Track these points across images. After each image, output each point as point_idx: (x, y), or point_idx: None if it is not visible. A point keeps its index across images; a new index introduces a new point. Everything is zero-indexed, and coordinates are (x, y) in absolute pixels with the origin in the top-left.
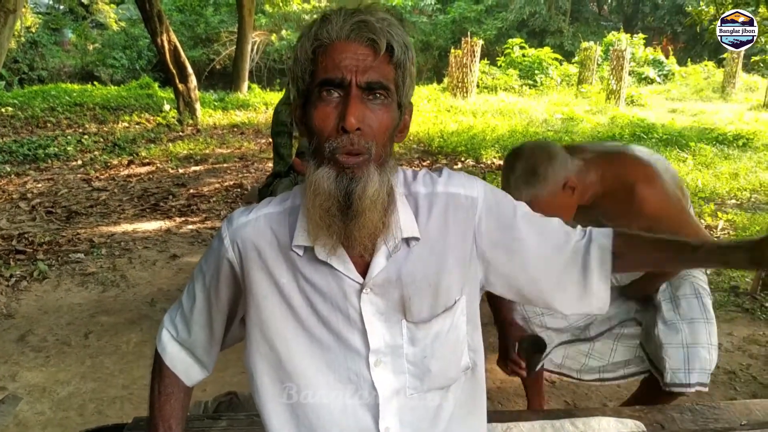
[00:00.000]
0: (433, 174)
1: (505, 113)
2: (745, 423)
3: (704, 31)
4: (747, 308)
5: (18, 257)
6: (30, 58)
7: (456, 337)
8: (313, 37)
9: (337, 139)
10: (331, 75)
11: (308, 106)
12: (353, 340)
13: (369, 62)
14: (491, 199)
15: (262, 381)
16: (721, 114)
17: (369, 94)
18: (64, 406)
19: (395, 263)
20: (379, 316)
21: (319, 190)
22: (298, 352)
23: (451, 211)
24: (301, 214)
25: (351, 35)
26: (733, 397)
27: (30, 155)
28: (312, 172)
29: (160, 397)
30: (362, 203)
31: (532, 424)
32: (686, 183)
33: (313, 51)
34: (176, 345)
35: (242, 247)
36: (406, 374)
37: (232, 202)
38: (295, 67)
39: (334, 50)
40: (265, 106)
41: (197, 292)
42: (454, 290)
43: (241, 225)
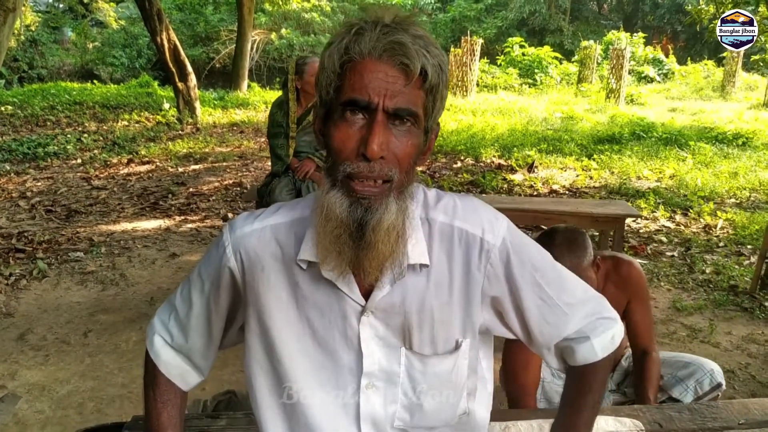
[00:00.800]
0: (458, 202)
1: (504, 112)
2: (743, 422)
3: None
4: (746, 307)
5: (17, 256)
6: (30, 57)
7: (456, 380)
8: (343, 50)
9: (354, 164)
10: (358, 96)
11: (329, 120)
12: (347, 360)
13: (399, 86)
14: (509, 250)
15: (260, 390)
16: (721, 113)
17: (395, 119)
18: (63, 404)
19: (400, 289)
20: (378, 340)
21: (330, 215)
22: (293, 367)
23: (464, 250)
24: (310, 228)
25: (383, 55)
26: (732, 396)
27: (29, 154)
28: (325, 191)
29: (156, 405)
30: (376, 235)
31: (530, 423)
32: (686, 182)
33: (341, 65)
34: (171, 351)
35: (245, 258)
36: (398, 404)
37: (231, 200)
38: (321, 75)
39: (364, 68)
40: (265, 105)
41: (194, 298)
42: (457, 330)
43: (246, 234)
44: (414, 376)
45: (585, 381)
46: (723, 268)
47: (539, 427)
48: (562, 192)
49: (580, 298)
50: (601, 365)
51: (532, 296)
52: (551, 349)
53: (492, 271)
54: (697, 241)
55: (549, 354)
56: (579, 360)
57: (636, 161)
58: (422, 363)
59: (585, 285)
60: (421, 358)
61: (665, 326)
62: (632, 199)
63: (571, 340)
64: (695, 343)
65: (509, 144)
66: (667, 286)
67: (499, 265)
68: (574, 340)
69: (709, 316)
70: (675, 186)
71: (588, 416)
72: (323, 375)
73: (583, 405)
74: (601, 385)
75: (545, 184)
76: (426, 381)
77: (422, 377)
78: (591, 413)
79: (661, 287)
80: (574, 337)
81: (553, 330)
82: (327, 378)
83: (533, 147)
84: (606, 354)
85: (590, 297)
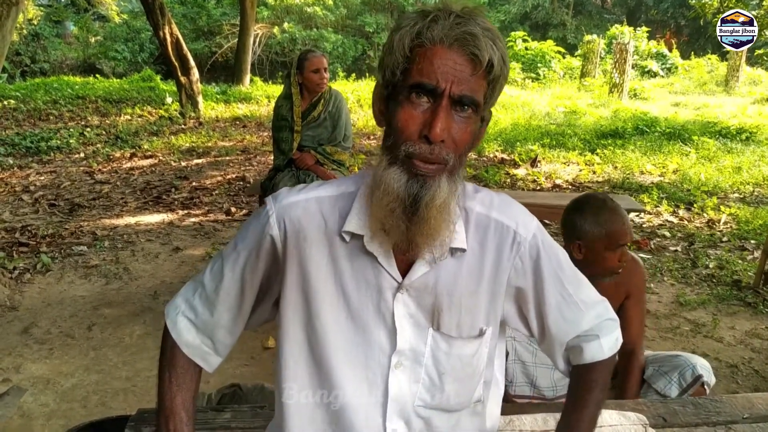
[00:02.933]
0: (494, 196)
1: (507, 106)
2: (748, 416)
3: (708, 24)
4: (749, 302)
5: (21, 250)
6: (32, 51)
7: (476, 365)
8: (414, 34)
9: (416, 145)
10: (426, 80)
11: (392, 101)
12: (379, 336)
13: (466, 75)
14: (539, 246)
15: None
16: (725, 107)
17: (458, 106)
18: (67, 397)
19: (436, 271)
20: (409, 318)
21: (388, 189)
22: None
23: (498, 240)
24: (357, 202)
25: (455, 44)
26: (735, 390)
27: (32, 148)
28: (382, 168)
29: (172, 388)
30: (429, 211)
31: (534, 417)
32: (689, 177)
33: (411, 49)
34: (193, 330)
35: (289, 227)
36: (420, 384)
37: (234, 194)
38: (388, 57)
39: (435, 55)
40: (267, 99)
41: (227, 271)
42: (482, 317)
43: (291, 204)
44: (438, 357)
45: (590, 378)
46: (726, 263)
47: (543, 420)
48: (565, 187)
49: (593, 299)
50: (606, 364)
51: (554, 292)
52: (563, 346)
53: (520, 264)
54: (701, 235)
55: (558, 353)
56: (587, 358)
57: (639, 156)
58: (448, 344)
59: (594, 288)
60: (447, 340)
61: (668, 321)
62: (635, 194)
63: (581, 338)
64: (699, 338)
65: (512, 138)
66: (671, 281)
67: (527, 258)
68: (584, 339)
69: (713, 311)
70: (678, 181)
71: (592, 413)
72: (352, 350)
73: (588, 402)
74: (604, 383)
75: (548, 179)
76: (449, 363)
77: (446, 359)
78: (595, 410)
79: (665, 282)
80: (584, 335)
81: (568, 326)
82: (356, 354)
83: (536, 141)
84: (612, 353)
85: (600, 299)
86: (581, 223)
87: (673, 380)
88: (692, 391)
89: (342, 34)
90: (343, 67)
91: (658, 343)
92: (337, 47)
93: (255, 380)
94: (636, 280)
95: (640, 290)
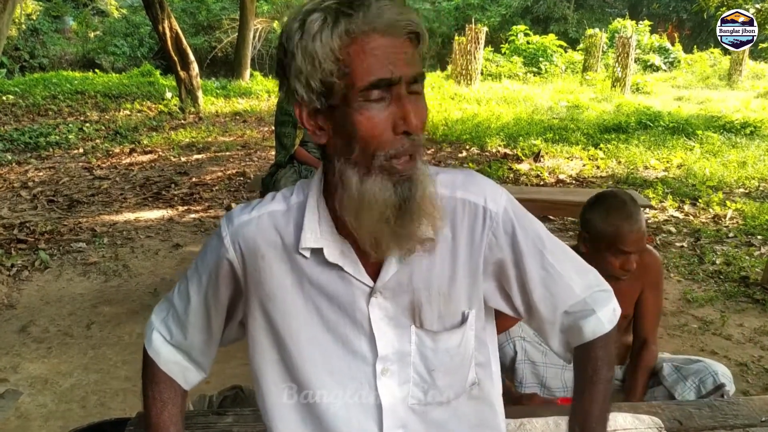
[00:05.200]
0: (456, 175)
1: (509, 101)
2: (766, 419)
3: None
4: (758, 299)
5: (19, 246)
6: (31, 46)
7: (465, 352)
8: (340, 32)
9: (396, 145)
10: (383, 75)
11: (340, 111)
12: (360, 346)
13: (410, 54)
14: (512, 218)
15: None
16: (728, 102)
17: (410, 87)
18: (66, 398)
19: (408, 267)
20: (387, 321)
21: (376, 202)
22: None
23: (468, 220)
24: (308, 213)
25: (388, 30)
26: (746, 389)
27: (31, 143)
28: (355, 183)
29: (156, 404)
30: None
31: (545, 420)
32: (694, 172)
33: (340, 49)
34: (170, 348)
35: (244, 247)
36: (410, 384)
37: (235, 190)
38: (307, 65)
39: (376, 47)
40: (268, 94)
41: (192, 294)
42: (463, 302)
43: (243, 223)
44: (425, 354)
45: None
46: (733, 258)
47: (555, 424)
48: (569, 182)
49: (579, 268)
50: (607, 338)
51: (535, 265)
52: (554, 324)
53: (494, 239)
54: (707, 231)
55: (550, 332)
56: (587, 335)
57: (643, 150)
58: (433, 340)
59: (579, 258)
60: (431, 335)
61: (676, 318)
62: (640, 189)
63: (575, 315)
64: (707, 335)
65: (515, 133)
66: (677, 278)
67: (502, 233)
68: (580, 315)
69: (721, 308)
70: (683, 176)
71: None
72: (335, 364)
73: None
74: (610, 360)
75: (552, 174)
76: (437, 358)
77: (433, 355)
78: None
79: (671, 278)
80: (578, 310)
81: (556, 300)
82: (339, 368)
83: (539, 136)
84: (612, 326)
85: (588, 268)
86: (591, 216)
87: (691, 386)
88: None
89: None
90: None
91: (666, 341)
92: None
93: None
94: (653, 274)
95: (656, 284)
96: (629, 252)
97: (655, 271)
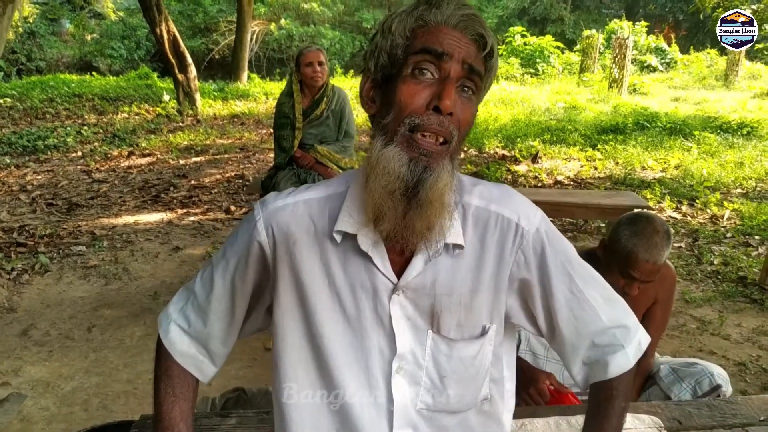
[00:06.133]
0: (493, 189)
1: (507, 102)
2: (764, 418)
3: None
4: (755, 299)
5: (19, 250)
6: (28, 49)
7: (480, 365)
8: (417, 16)
9: (423, 117)
10: (433, 46)
11: (391, 81)
12: (377, 340)
13: (472, 53)
14: (544, 238)
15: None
16: (725, 102)
17: (462, 84)
18: (68, 401)
19: (433, 269)
20: (406, 320)
21: (388, 169)
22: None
23: (499, 234)
24: (348, 201)
25: (460, 24)
26: (744, 389)
27: (29, 147)
28: (378, 148)
29: (168, 398)
30: (432, 194)
31: (546, 421)
32: (691, 172)
33: (413, 29)
34: (187, 339)
35: (277, 232)
36: (421, 386)
37: (233, 193)
38: (383, 40)
39: (439, 31)
40: (265, 96)
41: (216, 279)
42: (484, 315)
43: (278, 208)
44: (439, 359)
45: (612, 386)
46: (731, 259)
47: (555, 424)
48: (567, 183)
49: (607, 297)
50: (630, 374)
51: (562, 287)
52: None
53: (523, 258)
54: (704, 231)
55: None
56: (613, 371)
57: (641, 151)
58: (448, 347)
59: (609, 286)
60: (447, 342)
61: (674, 319)
62: (638, 190)
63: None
64: (705, 335)
65: (512, 134)
66: (675, 278)
67: (531, 252)
68: (608, 350)
69: (719, 308)
70: (680, 176)
71: (615, 424)
72: (353, 354)
73: (611, 413)
74: (627, 391)
75: (550, 175)
76: (450, 365)
77: (447, 361)
78: (618, 421)
79: None
80: (606, 344)
81: (580, 325)
82: (357, 359)
83: (536, 137)
84: (636, 359)
85: (617, 298)
86: (619, 229)
87: (687, 387)
88: None
89: (339, 31)
90: (340, 64)
91: (665, 342)
92: (334, 44)
93: (259, 383)
94: (667, 286)
95: (669, 298)
96: (636, 278)
97: (670, 284)
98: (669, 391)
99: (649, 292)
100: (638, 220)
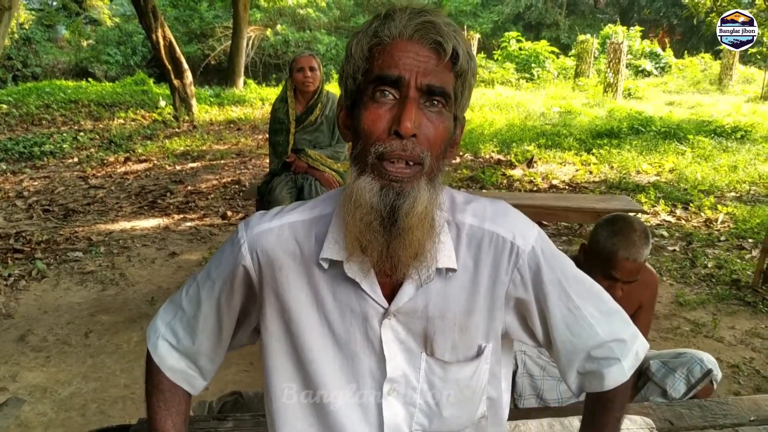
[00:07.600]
0: (487, 206)
1: (502, 107)
2: (754, 418)
3: (701, 23)
4: (749, 301)
5: (16, 256)
6: (24, 55)
7: (477, 385)
8: (372, 34)
9: (386, 143)
10: (388, 72)
11: (357, 107)
12: (368, 363)
13: (431, 66)
14: (539, 257)
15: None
16: (719, 106)
17: (427, 100)
18: (65, 406)
19: (425, 294)
20: (398, 344)
21: (360, 201)
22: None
23: (494, 254)
24: (333, 225)
25: (415, 35)
26: (737, 390)
27: (25, 153)
28: (353, 180)
29: (161, 413)
30: (409, 220)
31: (540, 422)
32: (685, 176)
33: (370, 49)
34: (176, 354)
35: (261, 257)
36: (416, 409)
37: (230, 198)
38: (347, 64)
39: (394, 48)
40: (261, 102)
41: (203, 299)
42: (480, 335)
43: (263, 232)
44: (434, 382)
45: (608, 397)
46: (725, 262)
47: (549, 425)
48: (562, 187)
49: (605, 310)
50: (626, 385)
51: (559, 304)
52: (573, 364)
53: (519, 277)
54: (699, 235)
55: (568, 370)
56: (609, 384)
57: (635, 155)
58: (443, 369)
59: (610, 298)
60: (442, 365)
61: (668, 321)
62: (632, 194)
63: (600, 362)
64: (699, 338)
65: (508, 139)
66: (670, 281)
67: (527, 270)
68: (604, 363)
69: (712, 311)
70: (675, 180)
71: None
72: (343, 378)
73: (607, 423)
74: (623, 402)
75: (545, 179)
76: (446, 387)
77: (442, 384)
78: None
79: (664, 282)
80: (603, 357)
81: (577, 341)
82: (347, 382)
83: (532, 142)
84: (632, 371)
85: (616, 309)
86: (597, 231)
87: (680, 377)
88: (701, 386)
89: (335, 36)
90: (336, 69)
91: (658, 344)
92: (330, 49)
93: (255, 387)
94: (650, 291)
95: (651, 302)
96: (617, 279)
97: (653, 289)
98: (663, 384)
99: (633, 297)
100: (616, 220)
